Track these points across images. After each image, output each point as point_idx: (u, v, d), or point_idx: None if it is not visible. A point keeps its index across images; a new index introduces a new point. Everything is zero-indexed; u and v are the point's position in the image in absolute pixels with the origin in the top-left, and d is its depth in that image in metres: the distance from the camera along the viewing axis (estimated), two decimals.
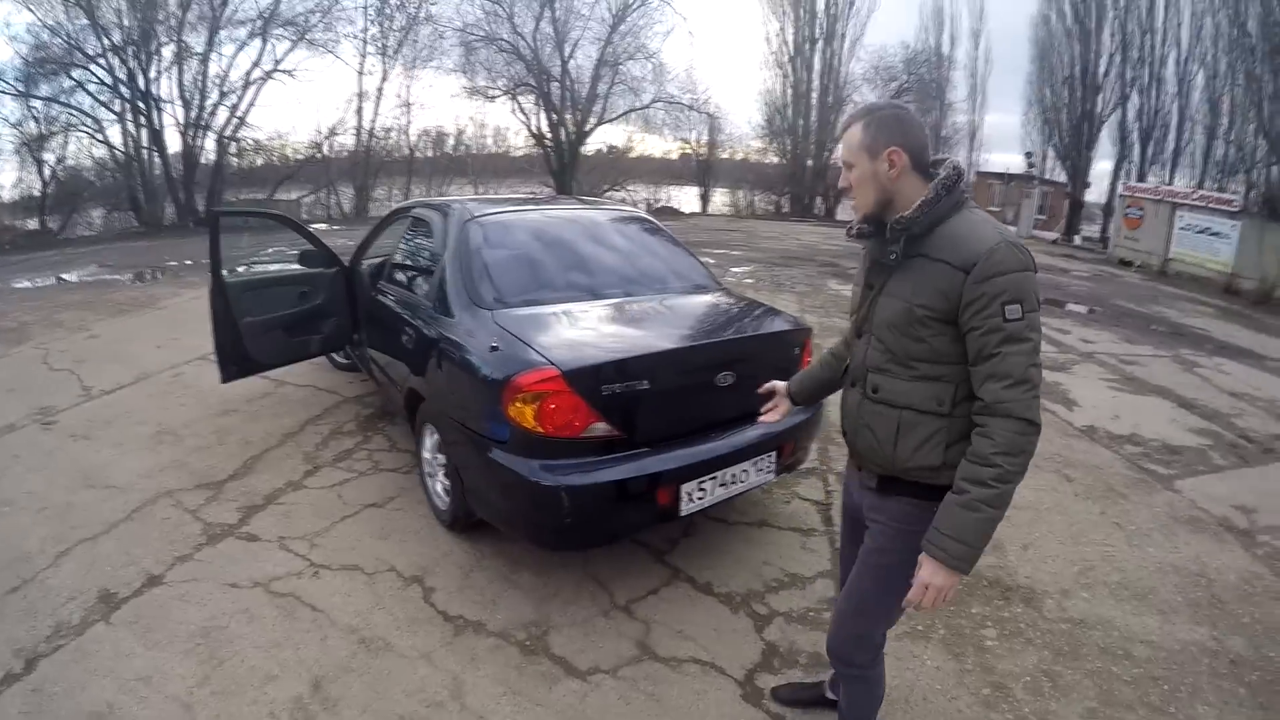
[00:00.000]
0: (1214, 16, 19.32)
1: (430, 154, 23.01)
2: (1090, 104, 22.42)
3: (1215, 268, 14.09)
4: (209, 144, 17.92)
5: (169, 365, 5.05)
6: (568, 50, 22.50)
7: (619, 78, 22.85)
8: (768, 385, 1.90)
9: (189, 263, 10.50)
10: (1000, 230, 1.31)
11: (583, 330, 2.55)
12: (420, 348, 2.84)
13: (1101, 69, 22.19)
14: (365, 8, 19.91)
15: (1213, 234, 14.37)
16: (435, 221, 3.17)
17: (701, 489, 2.42)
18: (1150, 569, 2.93)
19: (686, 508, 2.40)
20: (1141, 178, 21.25)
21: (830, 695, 2.02)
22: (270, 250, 10.63)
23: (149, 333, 6.01)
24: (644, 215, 3.85)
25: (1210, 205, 15.02)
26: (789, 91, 25.24)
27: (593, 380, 2.19)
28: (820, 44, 24.55)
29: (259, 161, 19.13)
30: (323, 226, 12.96)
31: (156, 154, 17.14)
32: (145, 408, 4.24)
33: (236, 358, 3.77)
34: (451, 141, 23.61)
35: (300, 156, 19.75)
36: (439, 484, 2.91)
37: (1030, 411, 1.25)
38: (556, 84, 22.58)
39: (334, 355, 4.79)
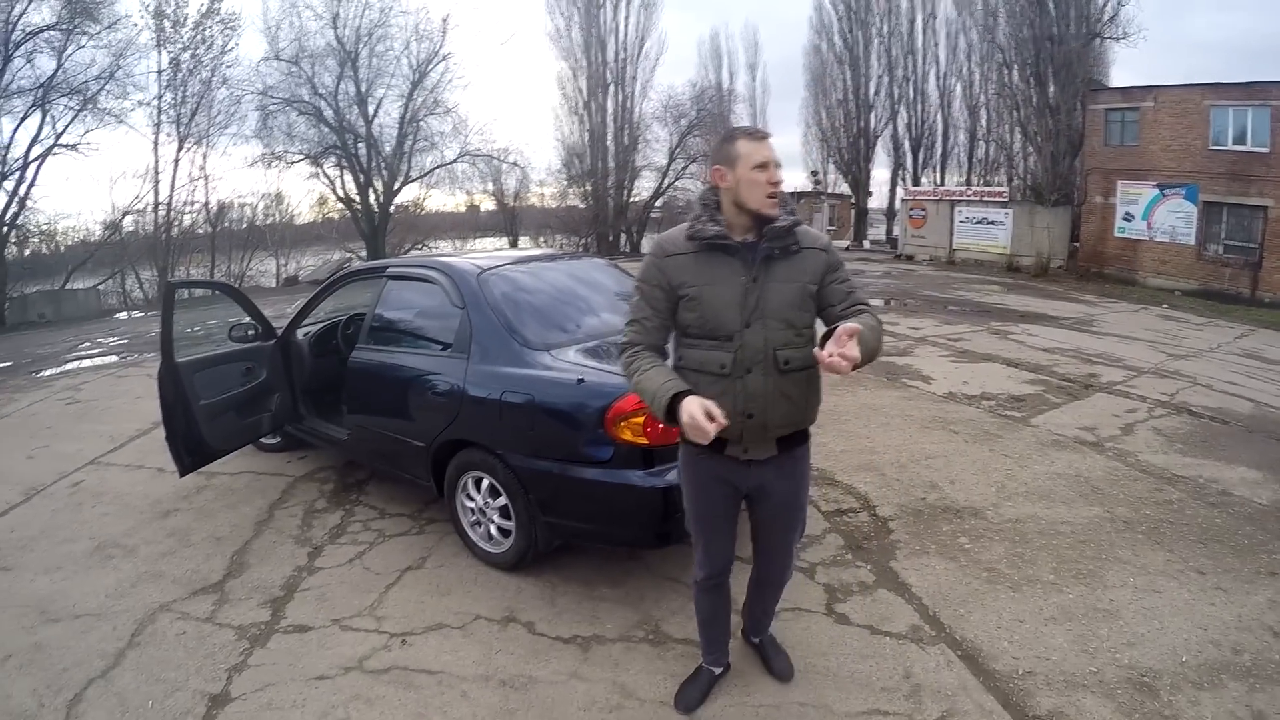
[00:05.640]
0: (966, 35, 24.13)
1: (231, 227, 20.98)
2: (864, 121, 26.51)
3: (995, 251, 17.54)
4: None
5: (58, 475, 4.29)
6: (371, 109, 21.90)
7: (422, 134, 22.68)
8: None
9: None
10: None
11: None
12: (461, 399, 2.89)
13: (872, 89, 26.37)
14: (159, 73, 17.89)
15: (990, 223, 17.87)
16: (436, 279, 3.23)
17: None
18: (1042, 479, 3.93)
19: None
20: (916, 182, 25.64)
21: (754, 639, 2.39)
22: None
23: (6, 445, 5.02)
24: (598, 258, 4.21)
25: (984, 199, 18.64)
26: (586, 135, 26.52)
27: None
28: (612, 88, 26.20)
29: (44, 249, 16.17)
30: (124, 315, 11.32)
31: None
32: (61, 525, 3.62)
33: (192, 447, 3.43)
34: (236, 213, 21.83)
35: (93, 240, 17.22)
36: (491, 528, 2.98)
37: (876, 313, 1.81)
38: (363, 144, 21.79)
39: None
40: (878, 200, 28.18)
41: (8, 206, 15.70)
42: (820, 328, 1.79)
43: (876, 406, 5.20)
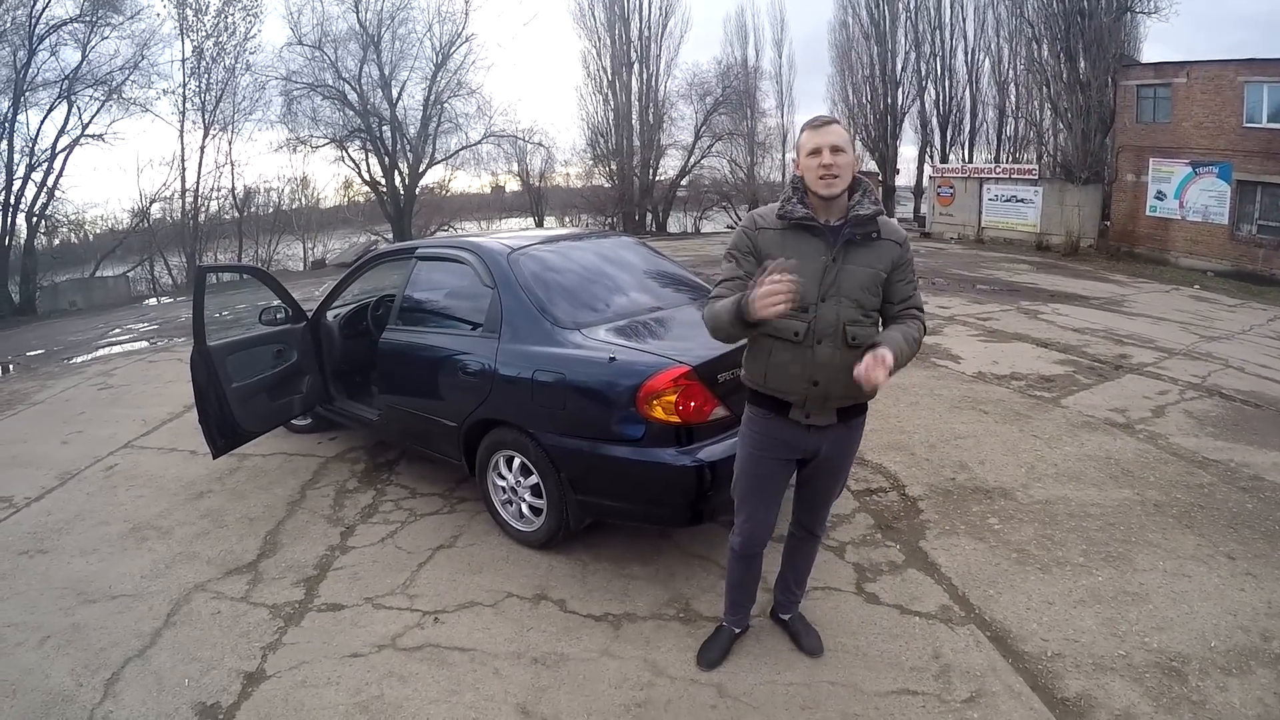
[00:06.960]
0: (994, 9, 23.44)
1: (258, 212, 21.29)
2: (891, 98, 25.93)
3: (1025, 230, 17.15)
4: (19, 223, 15.66)
5: (92, 459, 4.40)
6: (395, 92, 21.95)
7: (446, 116, 22.73)
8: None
9: (32, 354, 9.22)
10: None
11: (670, 335, 2.87)
12: (492, 378, 2.92)
13: (899, 66, 25.75)
14: (183, 61, 18.14)
15: (1019, 201, 17.46)
16: (466, 259, 3.25)
17: None
18: (1072, 460, 3.88)
19: None
20: (944, 159, 25.05)
21: (784, 616, 2.46)
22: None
23: (41, 430, 5.14)
24: (625, 237, 4.20)
25: (1013, 176, 18.19)
26: (611, 114, 26.27)
27: (712, 371, 2.54)
28: (637, 66, 25.87)
29: (73, 238, 16.55)
30: (153, 301, 11.57)
31: None
32: (96, 508, 3.72)
33: (225, 429, 3.50)
34: (263, 198, 22.08)
35: (121, 228, 17.76)
36: (522, 507, 3.02)
37: (924, 321, 2.03)
38: (387, 127, 21.87)
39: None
40: (905, 178, 27.67)
41: (37, 197, 16.11)
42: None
43: (906, 386, 5.16)
